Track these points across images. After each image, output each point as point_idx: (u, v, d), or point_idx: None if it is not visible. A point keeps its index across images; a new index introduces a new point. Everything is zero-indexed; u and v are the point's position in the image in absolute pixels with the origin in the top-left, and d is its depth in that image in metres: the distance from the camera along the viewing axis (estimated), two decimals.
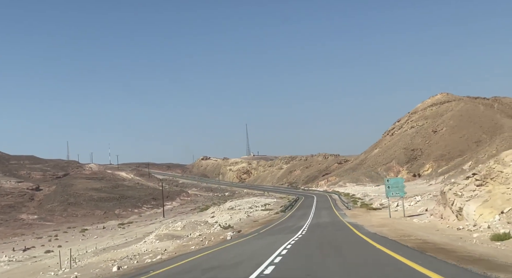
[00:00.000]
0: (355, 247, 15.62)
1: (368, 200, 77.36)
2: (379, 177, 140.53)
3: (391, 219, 34.40)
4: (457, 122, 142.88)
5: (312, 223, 37.45)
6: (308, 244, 18.02)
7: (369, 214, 44.08)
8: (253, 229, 37.37)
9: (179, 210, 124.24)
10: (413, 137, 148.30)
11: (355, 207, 62.12)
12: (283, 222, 44.50)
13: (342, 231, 25.42)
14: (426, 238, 17.20)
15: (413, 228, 23.61)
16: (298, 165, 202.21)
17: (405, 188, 36.89)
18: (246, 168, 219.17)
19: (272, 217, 57.71)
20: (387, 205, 58.16)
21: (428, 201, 47.94)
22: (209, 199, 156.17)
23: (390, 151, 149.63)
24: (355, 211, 54.20)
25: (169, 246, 31.96)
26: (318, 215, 50.70)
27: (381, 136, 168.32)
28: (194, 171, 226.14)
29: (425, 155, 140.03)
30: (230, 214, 77.33)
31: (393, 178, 37.40)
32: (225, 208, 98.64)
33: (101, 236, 74.05)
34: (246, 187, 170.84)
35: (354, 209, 57.24)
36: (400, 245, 14.80)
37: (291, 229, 31.78)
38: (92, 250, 43.20)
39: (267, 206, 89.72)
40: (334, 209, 61.63)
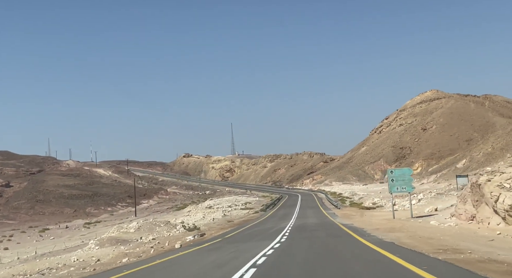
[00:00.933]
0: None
1: (358, 199, 69.89)
2: (367, 176, 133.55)
3: (397, 220, 26.65)
4: (448, 120, 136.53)
5: (296, 224, 29.60)
6: (290, 264, 10.08)
7: (365, 214, 36.35)
8: (221, 232, 29.39)
9: (155, 209, 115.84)
10: (402, 135, 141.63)
11: (344, 206, 54.51)
12: (261, 223, 36.57)
13: (340, 237, 17.52)
14: (505, 257, 9.34)
15: (445, 235, 15.77)
16: (283, 163, 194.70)
17: (413, 182, 29.10)
18: (229, 166, 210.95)
19: (250, 217, 49.80)
20: (382, 204, 50.62)
21: (432, 200, 40.44)
22: (188, 197, 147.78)
23: (378, 149, 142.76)
24: (345, 210, 46.53)
25: (108, 254, 23.89)
26: (303, 214, 42.89)
27: (368, 134, 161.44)
28: (175, 169, 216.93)
29: (414, 153, 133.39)
30: (206, 213, 69.79)
31: (398, 169, 29.50)
32: (203, 206, 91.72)
33: (60, 236, 65.51)
34: (228, 185, 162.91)
35: (344, 208, 49.60)
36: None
37: (268, 232, 23.91)
38: (26, 257, 34.85)
39: (248, 204, 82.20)
40: (321, 208, 53.93)
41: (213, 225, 41.68)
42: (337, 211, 45.25)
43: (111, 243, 26.93)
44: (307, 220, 34.20)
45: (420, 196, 42.96)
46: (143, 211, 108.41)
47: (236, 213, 63.93)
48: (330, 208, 52.08)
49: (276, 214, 47.88)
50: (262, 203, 79.35)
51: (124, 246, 26.42)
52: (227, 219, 50.42)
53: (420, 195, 43.40)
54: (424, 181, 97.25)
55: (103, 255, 23.70)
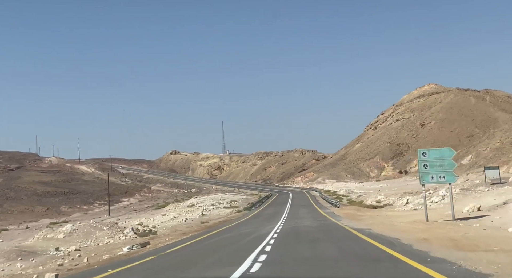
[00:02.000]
0: None
1: (356, 197, 60.89)
2: (362, 173, 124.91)
3: (439, 225, 17.58)
4: (447, 115, 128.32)
5: (286, 228, 20.53)
6: None
7: (376, 215, 27.26)
8: (177, 239, 20.17)
9: (135, 207, 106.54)
10: (399, 131, 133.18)
11: (343, 205, 45.44)
12: (240, 224, 27.46)
13: (377, 263, 8.30)
14: None
15: None
16: (273, 161, 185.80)
17: (454, 168, 19.96)
18: (217, 164, 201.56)
19: (231, 217, 40.69)
20: (390, 202, 41.58)
21: (460, 196, 31.49)
22: (173, 196, 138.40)
23: (374, 146, 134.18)
24: (346, 209, 37.50)
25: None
26: (295, 214, 33.85)
27: (363, 130, 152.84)
28: (161, 166, 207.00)
29: (412, 150, 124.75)
30: (183, 212, 61.12)
31: (434, 149, 20.52)
32: (185, 205, 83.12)
33: (10, 239, 56.06)
34: (215, 183, 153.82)
35: (344, 207, 40.56)
36: None
37: (241, 242, 14.87)
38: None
39: (233, 203, 73.28)
40: (316, 206, 44.93)
41: (182, 227, 32.57)
42: (337, 210, 36.19)
43: (8, 257, 17.63)
44: (300, 221, 25.10)
45: (441, 192, 33.99)
46: (120, 210, 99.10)
47: (217, 212, 54.86)
48: (327, 207, 43.03)
49: (262, 214, 38.74)
50: (249, 201, 70.51)
51: (25, 262, 17.13)
52: (204, 219, 41.33)
53: (442, 191, 34.44)
54: None
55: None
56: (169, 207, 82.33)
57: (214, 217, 43.87)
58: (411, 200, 37.47)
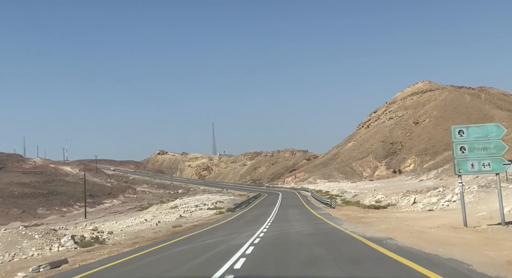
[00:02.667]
0: None
1: (351, 197, 55.24)
2: (355, 173, 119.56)
3: (494, 232, 11.87)
4: (442, 113, 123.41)
5: (269, 235, 14.80)
6: None
7: (385, 217, 21.49)
8: (125, 250, 14.37)
9: (117, 209, 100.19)
10: (392, 129, 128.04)
11: (338, 205, 39.68)
12: (213, 230, 21.57)
13: None
14: None
15: None
16: (263, 161, 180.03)
17: (505, 151, 14.05)
18: (206, 164, 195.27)
19: (209, 219, 34.85)
20: (393, 202, 35.98)
21: (483, 195, 25.94)
22: (158, 197, 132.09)
23: (366, 144, 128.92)
24: (344, 210, 31.78)
25: None
26: (283, 216, 28.10)
27: (355, 129, 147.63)
28: (149, 167, 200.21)
29: (406, 148, 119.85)
30: (164, 213, 55.70)
31: (475, 126, 14.37)
32: (168, 206, 77.66)
33: None
34: (203, 184, 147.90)
35: (340, 208, 34.83)
36: None
37: (194, 262, 9.10)
38: None
39: (218, 204, 67.48)
40: (308, 207, 39.24)
41: (147, 232, 26.67)
42: (333, 212, 30.46)
43: None
44: (290, 226, 19.33)
45: (458, 189, 28.36)
46: (100, 212, 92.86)
47: (199, 213, 48.96)
48: (321, 208, 37.30)
49: (246, 215, 32.90)
50: (236, 202, 64.72)
51: None
52: (179, 222, 35.43)
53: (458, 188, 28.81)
54: (423, 177, 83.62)
55: None
56: (151, 209, 76.84)
57: (192, 220, 38.06)
58: (418, 199, 31.87)
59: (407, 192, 40.03)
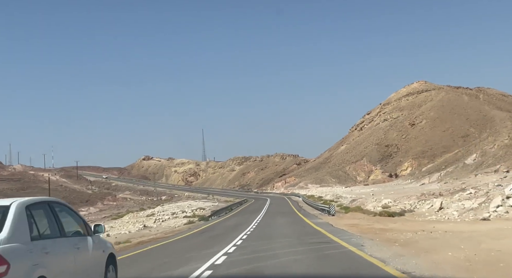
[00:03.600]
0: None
1: (349, 203, 47.35)
2: (348, 177, 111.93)
3: None
4: (439, 114, 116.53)
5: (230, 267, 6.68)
6: None
7: (421, 230, 13.45)
8: None
9: (91, 218, 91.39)
10: (387, 131, 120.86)
11: (338, 212, 31.55)
12: (151, 252, 13.36)
13: None
14: None
15: None
16: (252, 166, 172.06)
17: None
18: (193, 170, 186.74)
19: (172, 231, 26.71)
20: (410, 208, 28.11)
21: None
22: (139, 204, 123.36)
23: (360, 147, 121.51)
24: (347, 218, 23.78)
25: None
26: (267, 228, 20.12)
27: (348, 132, 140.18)
28: (133, 173, 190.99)
29: (402, 151, 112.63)
30: (132, 222, 47.94)
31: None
32: (145, 214, 69.92)
33: None
34: (189, 190, 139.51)
35: (342, 216, 26.79)
36: None
37: None
38: None
39: (199, 211, 59.67)
40: (300, 214, 31.25)
41: None
42: (333, 221, 22.41)
43: None
44: (272, 246, 11.27)
45: (509, 190, 20.50)
46: None
47: (169, 223, 40.74)
48: (316, 215, 29.28)
49: (218, 226, 24.76)
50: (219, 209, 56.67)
51: None
52: (135, 235, 27.32)
53: (508, 189, 20.95)
54: (425, 181, 76.08)
55: None
56: (126, 217, 68.64)
57: (155, 231, 30.04)
58: (446, 204, 23.91)
59: (422, 195, 32.15)
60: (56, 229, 5.22)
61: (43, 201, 5.46)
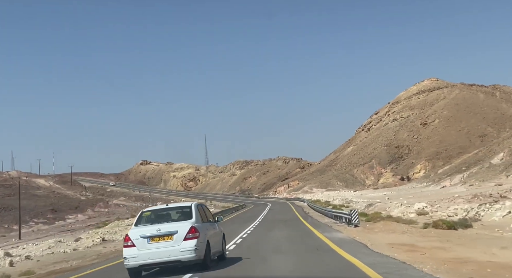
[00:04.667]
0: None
1: (365, 208, 38.76)
2: (356, 181, 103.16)
3: None
4: (453, 113, 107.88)
5: None
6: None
7: None
8: None
9: (76, 226, 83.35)
10: (397, 131, 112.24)
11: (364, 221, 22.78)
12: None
13: None
14: None
15: None
16: (254, 171, 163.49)
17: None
18: (193, 175, 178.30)
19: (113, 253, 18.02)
20: (470, 215, 19.50)
21: None
22: (133, 210, 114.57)
23: (368, 149, 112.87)
24: (384, 231, 15.28)
25: None
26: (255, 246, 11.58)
27: (354, 133, 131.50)
28: (130, 178, 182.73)
29: (414, 152, 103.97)
30: (103, 233, 38.63)
31: None
32: (131, 222, 60.27)
33: None
34: (186, 196, 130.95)
35: (371, 226, 18.19)
36: None
37: None
38: None
39: None
40: (307, 223, 22.83)
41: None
42: (362, 235, 13.87)
43: None
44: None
45: None
46: (52, 229, 75.78)
47: None
48: (330, 225, 20.72)
49: None
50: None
51: None
52: (71, 256, 18.84)
53: None
54: (444, 183, 67.40)
55: None
56: (111, 225, 60.22)
57: (110, 247, 21.58)
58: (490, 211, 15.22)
59: (475, 198, 23.48)
60: (206, 218, 10.12)
61: (202, 203, 11.07)
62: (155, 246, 8.65)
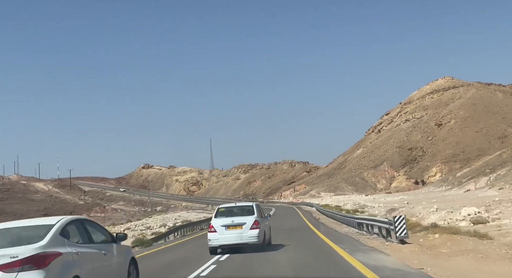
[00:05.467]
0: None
1: (387, 213, 32.22)
2: (366, 184, 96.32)
3: None
4: (470, 113, 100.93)
5: None
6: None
7: None
8: None
9: None
10: (410, 133, 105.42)
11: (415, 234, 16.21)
12: None
13: None
14: None
15: None
16: (259, 175, 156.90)
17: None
18: (196, 178, 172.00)
19: None
20: None
21: None
22: (130, 215, 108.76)
23: (379, 151, 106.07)
24: (470, 255, 8.76)
25: None
26: None
27: (364, 135, 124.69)
28: (132, 182, 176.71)
29: (428, 155, 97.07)
30: None
31: None
32: (122, 228, 55.75)
33: None
34: (187, 200, 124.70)
35: (427, 241, 11.64)
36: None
37: None
38: None
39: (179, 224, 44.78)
40: (320, 233, 16.27)
41: None
42: (436, 262, 7.39)
43: None
44: None
45: None
46: None
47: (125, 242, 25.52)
48: (358, 239, 14.15)
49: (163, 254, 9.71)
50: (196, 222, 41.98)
51: None
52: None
53: None
54: (469, 187, 60.64)
55: None
56: None
57: None
58: None
59: None
60: (262, 214, 13.34)
61: (258, 204, 14.23)
62: (230, 232, 11.97)
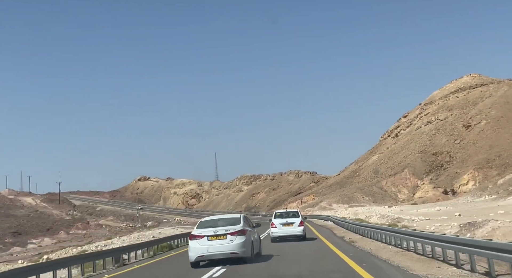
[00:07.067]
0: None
1: (463, 230, 19.25)
2: (385, 194, 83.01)
3: None
4: (504, 113, 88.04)
5: None
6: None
7: None
8: None
9: (29, 253, 65.24)
10: (433, 136, 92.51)
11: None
12: None
13: None
14: None
15: None
16: (263, 186, 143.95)
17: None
18: (195, 191, 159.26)
19: None
20: None
21: None
22: (115, 232, 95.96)
23: (398, 157, 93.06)
24: None
25: None
26: None
27: (379, 140, 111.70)
28: (127, 195, 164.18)
29: (457, 160, 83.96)
30: None
31: None
32: (92, 247, 42.58)
33: None
34: (183, 214, 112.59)
35: None
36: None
37: None
38: None
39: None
40: None
41: None
42: None
43: None
44: None
45: None
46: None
47: None
48: None
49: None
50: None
51: None
52: None
53: None
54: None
55: None
56: (57, 253, 41.88)
57: None
58: None
59: None
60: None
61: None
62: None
